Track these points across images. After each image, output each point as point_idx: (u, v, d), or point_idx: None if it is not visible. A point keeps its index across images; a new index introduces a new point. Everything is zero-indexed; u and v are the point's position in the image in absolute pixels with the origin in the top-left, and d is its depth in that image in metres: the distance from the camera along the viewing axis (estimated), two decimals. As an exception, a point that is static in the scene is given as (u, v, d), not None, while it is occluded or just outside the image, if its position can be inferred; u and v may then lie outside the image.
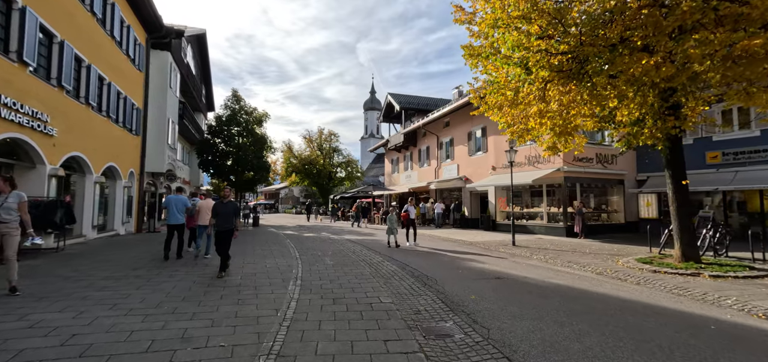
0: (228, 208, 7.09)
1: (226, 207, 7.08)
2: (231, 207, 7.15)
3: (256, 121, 21.90)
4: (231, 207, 7.15)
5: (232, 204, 7.24)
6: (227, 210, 7.04)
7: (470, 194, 21.86)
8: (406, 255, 10.48)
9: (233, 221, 7.08)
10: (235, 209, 7.23)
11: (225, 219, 6.99)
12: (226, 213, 7.01)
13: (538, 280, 6.95)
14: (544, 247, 11.99)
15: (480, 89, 10.51)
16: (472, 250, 11.69)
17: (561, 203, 16.31)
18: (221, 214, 7.02)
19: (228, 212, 7.04)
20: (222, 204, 7.12)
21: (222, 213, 7.02)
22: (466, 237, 15.61)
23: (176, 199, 9.19)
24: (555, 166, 15.99)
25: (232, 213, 7.10)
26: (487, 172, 20.25)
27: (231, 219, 7.04)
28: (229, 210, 7.07)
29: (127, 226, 15.79)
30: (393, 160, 34.14)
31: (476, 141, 21.65)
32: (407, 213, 13.35)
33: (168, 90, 18.62)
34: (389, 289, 6.27)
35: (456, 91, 30.69)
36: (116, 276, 6.74)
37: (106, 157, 13.20)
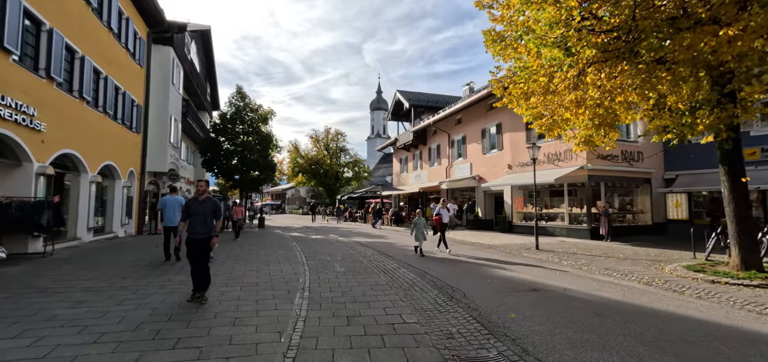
0: (204, 207, 5.31)
1: (202, 206, 5.32)
2: (208, 206, 5.35)
3: (262, 118, 21.14)
4: (208, 206, 5.35)
5: (210, 202, 5.43)
6: (203, 211, 5.29)
7: (484, 194, 20.88)
8: (423, 261, 9.58)
9: (212, 225, 5.35)
10: (215, 208, 5.41)
11: (200, 222, 5.24)
12: (201, 214, 5.28)
13: (582, 293, 6.02)
14: (571, 251, 11.02)
15: (504, 79, 9.60)
16: (493, 255, 10.76)
17: (584, 203, 15.29)
18: (195, 215, 5.26)
19: (204, 213, 5.29)
20: (196, 201, 5.37)
21: (196, 213, 5.27)
22: (482, 239, 14.66)
23: (172, 200, 8.86)
24: (578, 164, 14.98)
25: (210, 214, 5.33)
26: (502, 171, 19.26)
27: (208, 223, 5.30)
28: (206, 211, 5.31)
29: (126, 228, 15.09)
30: (402, 160, 33.23)
31: (491, 138, 20.67)
32: (440, 216, 11.42)
33: (170, 86, 17.94)
34: (411, 304, 5.39)
35: (467, 87, 29.77)
36: (99, 287, 5.94)
37: (102, 156, 12.49)
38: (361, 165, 47.31)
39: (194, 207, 5.34)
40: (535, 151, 12.05)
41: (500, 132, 19.65)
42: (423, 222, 10.52)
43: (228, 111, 21.08)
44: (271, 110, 21.54)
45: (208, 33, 26.53)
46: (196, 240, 5.24)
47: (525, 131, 17.82)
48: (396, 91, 30.81)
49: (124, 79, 14.09)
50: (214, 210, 5.42)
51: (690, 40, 5.14)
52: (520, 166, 18.07)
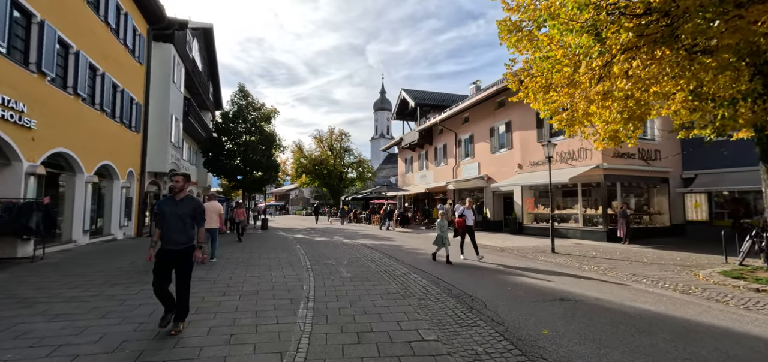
0: (182, 209, 4.09)
1: (179, 208, 4.09)
2: (187, 207, 4.12)
3: (265, 117, 20.67)
4: (187, 207, 4.12)
5: (190, 202, 4.19)
6: (180, 213, 4.06)
7: (493, 194, 20.28)
8: (435, 265, 9.02)
9: (192, 233, 4.15)
10: (196, 211, 4.18)
11: (176, 229, 4.01)
12: (177, 218, 4.03)
13: (616, 304, 5.43)
14: (589, 255, 10.41)
15: (520, 72, 9.04)
16: (507, 259, 10.17)
17: (599, 204, 14.66)
18: (169, 219, 4.04)
19: (181, 216, 4.05)
20: (171, 201, 4.14)
21: (171, 217, 4.04)
22: (493, 241, 14.06)
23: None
24: (593, 163, 14.36)
25: (190, 218, 4.11)
26: (512, 171, 18.65)
27: (186, 230, 4.07)
28: (184, 214, 4.08)
29: (125, 230, 14.65)
30: (407, 160, 32.68)
31: (499, 137, 20.07)
32: (463, 218, 9.90)
33: (171, 85, 17.50)
34: (427, 316, 4.84)
35: (473, 86, 29.18)
36: (84, 296, 5.43)
37: (99, 155, 12.04)
38: (365, 165, 46.78)
39: (169, 208, 4.08)
40: (550, 149, 11.45)
41: (510, 130, 19.05)
42: (445, 224, 9.32)
43: (230, 110, 20.63)
44: (274, 109, 21.07)
45: (211, 31, 26.13)
46: (171, 252, 4.02)
47: (536, 129, 17.22)
48: (401, 90, 30.27)
49: (123, 76, 13.65)
50: (194, 213, 4.16)
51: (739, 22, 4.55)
52: (531, 166, 17.47)
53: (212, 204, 9.48)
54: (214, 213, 9.19)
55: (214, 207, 9.41)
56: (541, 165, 16.87)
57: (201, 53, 26.77)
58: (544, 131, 16.83)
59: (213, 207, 9.31)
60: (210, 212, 9.07)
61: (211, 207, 9.28)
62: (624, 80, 6.15)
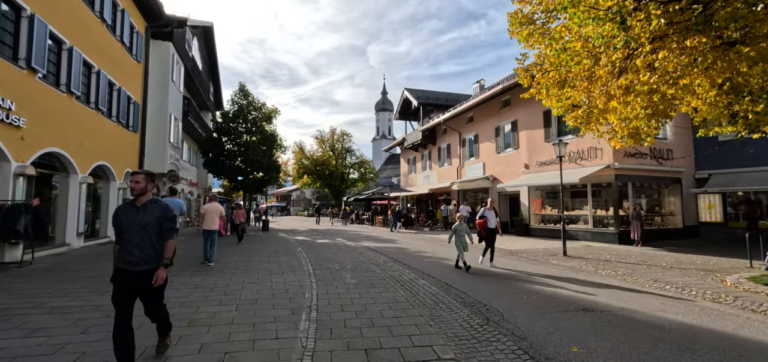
0: (146, 218, 3.14)
1: (143, 216, 3.14)
2: (152, 216, 3.15)
3: (266, 117, 20.29)
4: (152, 216, 3.15)
5: (155, 209, 3.19)
6: (143, 223, 3.12)
7: (498, 195, 19.83)
8: (444, 271, 8.59)
9: (154, 250, 3.15)
10: (164, 219, 3.19)
11: (137, 244, 3.08)
12: (140, 228, 3.10)
13: (646, 315, 4.99)
14: (603, 258, 9.97)
15: (532, 66, 8.61)
16: (518, 264, 9.75)
17: (610, 205, 14.21)
18: (129, 231, 3.09)
19: (145, 227, 3.12)
20: (131, 208, 3.19)
21: (131, 226, 3.10)
22: (500, 243, 13.56)
23: (171, 203, 8.23)
24: (603, 163, 13.91)
25: (156, 229, 3.16)
26: (518, 171, 18.22)
27: (151, 245, 3.13)
28: (149, 223, 3.13)
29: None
30: (409, 160, 32.26)
31: (505, 136, 19.63)
32: (485, 220, 8.83)
33: (170, 84, 17.14)
34: (441, 329, 4.42)
35: (477, 85, 28.78)
36: (69, 306, 5.02)
37: (95, 155, 11.67)
38: (367, 166, 46.40)
39: (127, 217, 3.12)
40: (561, 148, 11.01)
41: (516, 130, 18.60)
42: (465, 228, 8.42)
43: (230, 109, 20.25)
44: (275, 108, 20.69)
45: (211, 30, 25.77)
46: (132, 275, 3.05)
47: (543, 128, 16.78)
48: (404, 90, 29.86)
49: (120, 74, 13.28)
50: (163, 222, 3.17)
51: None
52: (539, 166, 17.03)
53: (213, 205, 9.19)
54: (214, 215, 8.98)
55: (215, 208, 9.10)
56: (548, 165, 16.44)
57: (201, 52, 26.42)
58: (552, 130, 16.40)
59: (213, 208, 9.09)
60: (210, 213, 8.94)
61: (212, 208, 9.08)
62: (647, 73, 5.73)
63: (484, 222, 8.73)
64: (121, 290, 3.08)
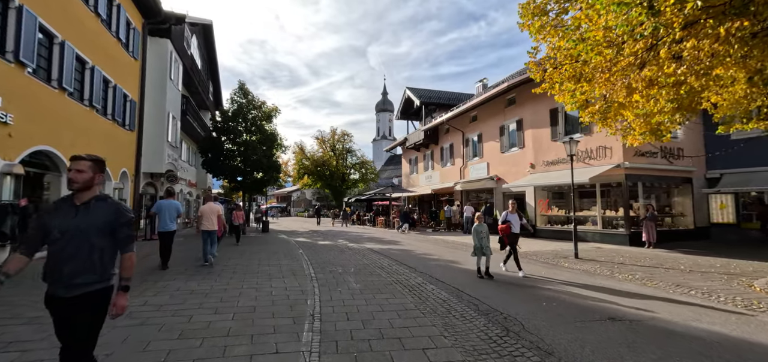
0: (89, 220, 2.26)
1: (84, 218, 2.26)
2: (98, 218, 2.29)
3: (266, 116, 19.90)
4: (98, 218, 2.29)
5: (104, 209, 2.35)
6: (84, 227, 2.24)
7: (503, 196, 19.44)
8: (454, 275, 8.20)
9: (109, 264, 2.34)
10: (117, 223, 2.34)
11: (72, 257, 2.19)
12: (79, 235, 2.22)
13: (681, 325, 4.59)
14: (617, 261, 9.57)
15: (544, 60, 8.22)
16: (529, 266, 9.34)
17: (619, 205, 13.82)
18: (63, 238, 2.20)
19: (85, 233, 2.24)
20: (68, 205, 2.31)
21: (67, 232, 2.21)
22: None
23: (168, 205, 8.18)
24: (613, 162, 13.52)
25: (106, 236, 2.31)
26: (524, 171, 17.82)
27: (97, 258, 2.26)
28: (93, 228, 2.26)
29: (118, 234, 13.86)
30: (411, 160, 31.86)
31: (510, 136, 19.23)
32: (508, 225, 8.03)
33: (168, 82, 16.76)
34: (457, 341, 4.03)
35: (480, 84, 28.45)
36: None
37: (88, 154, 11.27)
38: (368, 166, 46.02)
39: (59, 220, 2.24)
40: (572, 146, 10.62)
41: (521, 128, 18.21)
42: (485, 230, 7.70)
43: (229, 108, 19.86)
44: (275, 107, 20.28)
45: (210, 28, 25.42)
46: (64, 301, 2.20)
47: (550, 127, 16.39)
48: (406, 89, 29.49)
49: (115, 71, 12.89)
50: (114, 227, 2.33)
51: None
52: (545, 165, 16.63)
53: (210, 205, 8.98)
54: (212, 215, 8.81)
55: (212, 209, 8.89)
56: (555, 164, 16.06)
57: (200, 51, 26.06)
58: (559, 128, 16.01)
59: (211, 209, 8.90)
60: (208, 214, 8.77)
61: (209, 208, 8.89)
62: (673, 64, 5.33)
63: (507, 228, 8.01)
64: (56, 323, 2.25)
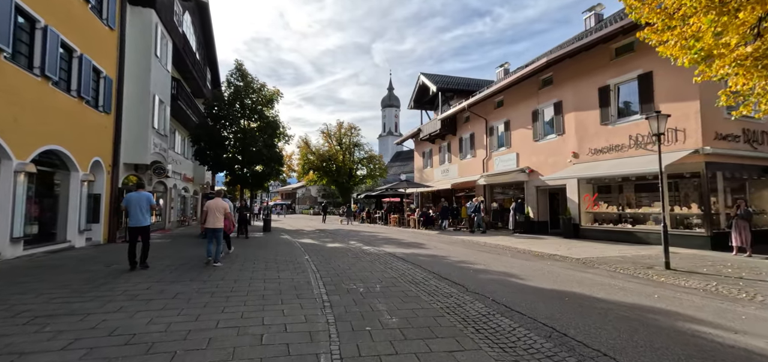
0: None
1: None
2: None
3: (266, 101, 17.57)
4: None
5: None
6: None
7: (536, 190, 17.01)
8: (524, 297, 5.84)
9: None
10: None
11: None
12: None
13: None
14: (734, 275, 7.14)
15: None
16: (607, 280, 6.97)
17: (692, 201, 11.36)
18: None
19: None
20: None
21: None
22: (556, 248, 10.77)
23: (138, 197, 7.37)
24: (688, 147, 11.05)
25: None
26: (563, 161, 15.37)
27: None
28: None
29: (90, 235, 11.68)
30: (425, 153, 29.47)
31: (546, 121, 16.77)
32: None
33: (153, 59, 14.50)
34: None
35: (501, 69, 26.02)
36: None
37: (40, 137, 9.06)
38: (377, 161, 43.68)
39: None
40: (660, 122, 8.10)
41: (560, 112, 15.73)
42: None
43: (226, 91, 17.56)
44: (277, 90, 17.92)
45: (206, 7, 23.18)
46: None
47: (599, 109, 13.91)
48: (420, 74, 27.05)
49: (82, 38, 10.65)
50: None
51: None
52: (592, 154, 14.17)
53: (216, 202, 8.29)
54: (218, 212, 8.15)
55: (218, 205, 8.20)
56: (606, 152, 13.60)
57: (196, 34, 23.83)
58: (611, 110, 13.53)
59: (217, 205, 8.21)
60: (213, 211, 8.12)
61: (215, 205, 8.21)
62: None
63: None
64: None
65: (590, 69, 14.25)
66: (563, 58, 14.56)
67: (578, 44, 13.73)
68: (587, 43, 13.19)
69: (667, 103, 11.40)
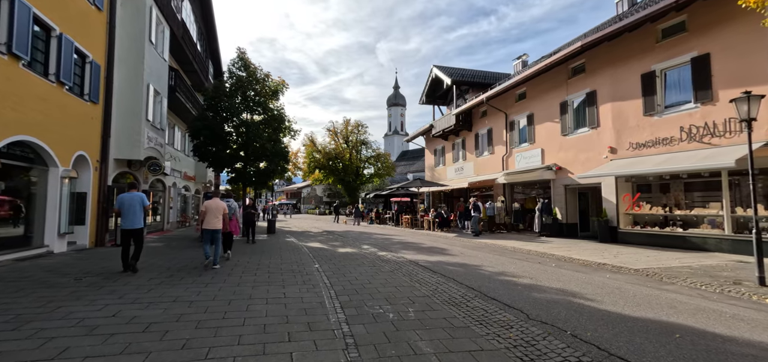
0: None
1: None
2: None
3: (271, 92, 16.25)
4: None
5: None
6: None
7: (565, 189, 15.53)
8: (581, 319, 4.42)
9: None
10: None
11: None
12: None
13: None
14: None
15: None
16: (696, 301, 5.54)
17: (761, 201, 9.84)
18: None
19: None
20: None
21: None
22: (600, 255, 9.31)
23: (130, 198, 7.07)
24: (759, 140, 9.50)
25: None
26: (598, 157, 13.88)
27: None
28: None
29: (74, 238, 10.45)
30: (437, 151, 28.04)
31: (576, 113, 15.27)
32: None
33: (147, 45, 13.25)
34: None
35: (519, 61, 24.56)
36: None
37: (10, 126, 7.80)
38: (384, 160, 42.30)
39: None
40: (751, 105, 6.64)
41: (593, 103, 14.23)
42: None
43: (227, 80, 16.25)
44: (282, 81, 16.57)
45: None
46: None
47: (642, 97, 12.39)
48: (433, 67, 25.62)
49: (61, 14, 9.39)
50: None
51: None
52: (633, 149, 12.67)
53: (215, 202, 7.89)
54: (217, 212, 7.79)
55: (218, 206, 7.81)
56: (650, 146, 12.10)
57: (197, 25, 22.65)
58: (657, 98, 12.01)
59: (216, 206, 7.82)
60: (212, 211, 7.74)
61: (214, 205, 7.82)
62: None
63: None
64: None
65: (630, 54, 12.75)
66: (600, 41, 13.05)
67: (619, 25, 12.21)
68: (632, 22, 11.67)
69: (729, 89, 9.90)
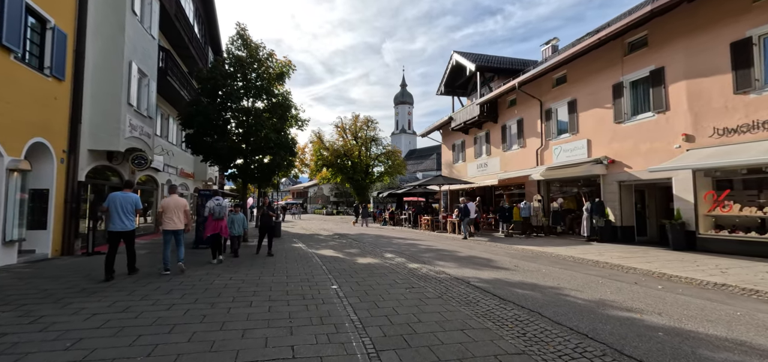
0: None
1: None
2: None
3: (275, 75, 14.08)
4: None
5: None
6: None
7: (619, 186, 13.18)
8: None
9: None
10: None
11: None
12: None
13: None
14: None
15: None
16: None
17: None
18: None
19: None
20: None
21: None
22: (688, 269, 7.00)
23: (123, 198, 6.39)
24: None
25: None
26: (668, 147, 11.52)
27: None
28: None
29: (31, 246, 8.36)
30: (455, 146, 25.76)
31: (635, 96, 12.91)
32: None
33: (128, 15, 11.17)
34: None
35: (548, 46, 22.16)
36: None
37: None
38: (395, 157, 40.04)
39: None
40: None
41: (660, 81, 11.85)
42: None
43: (225, 59, 14.09)
44: (288, 61, 14.36)
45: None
46: None
47: (732, 72, 10.02)
48: (453, 53, 23.32)
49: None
50: None
51: None
52: (718, 135, 10.31)
53: (173, 199, 7.06)
54: (177, 210, 6.97)
55: (177, 203, 7.00)
56: (745, 132, 9.76)
57: (195, 6, 20.59)
58: (755, 72, 9.62)
59: (175, 203, 6.98)
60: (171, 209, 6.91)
61: (173, 202, 6.98)
62: None
63: None
64: None
65: (710, 20, 10.42)
66: (673, 5, 10.71)
67: (702, -17, 9.89)
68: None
69: None
